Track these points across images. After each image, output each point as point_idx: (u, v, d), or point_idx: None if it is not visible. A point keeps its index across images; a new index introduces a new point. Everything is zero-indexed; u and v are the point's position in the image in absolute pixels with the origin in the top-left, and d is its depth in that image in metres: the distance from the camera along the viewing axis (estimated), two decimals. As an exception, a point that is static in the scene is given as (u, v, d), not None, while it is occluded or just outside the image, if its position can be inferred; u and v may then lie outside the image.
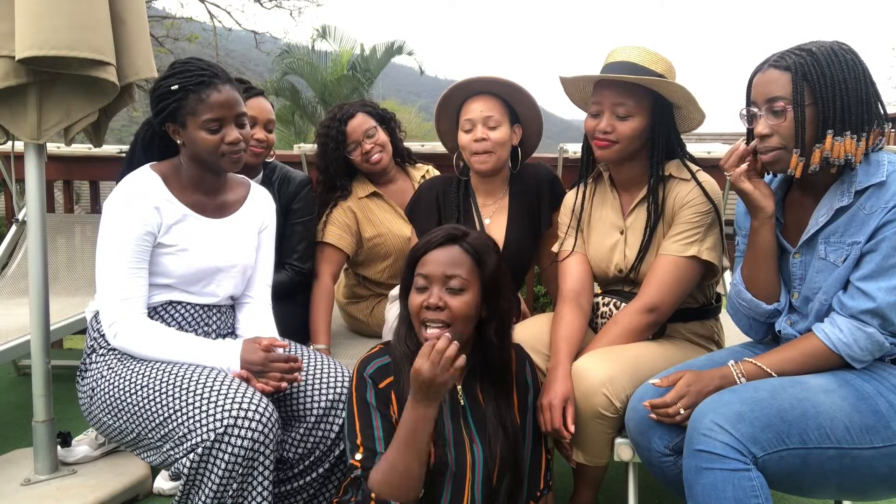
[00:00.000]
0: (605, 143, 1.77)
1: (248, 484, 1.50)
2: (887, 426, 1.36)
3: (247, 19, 65.03)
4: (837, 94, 1.40)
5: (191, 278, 1.72)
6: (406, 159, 2.58)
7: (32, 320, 2.05)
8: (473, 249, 1.46)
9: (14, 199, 3.15)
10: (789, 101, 1.42)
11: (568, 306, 1.84)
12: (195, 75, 1.65)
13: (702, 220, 1.77)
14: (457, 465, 1.43)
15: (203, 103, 1.63)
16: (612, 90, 1.75)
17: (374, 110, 2.43)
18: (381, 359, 1.51)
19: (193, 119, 1.64)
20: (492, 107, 2.01)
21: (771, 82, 1.45)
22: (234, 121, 1.68)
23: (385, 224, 2.41)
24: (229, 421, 1.46)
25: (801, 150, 1.43)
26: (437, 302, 1.42)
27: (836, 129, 1.41)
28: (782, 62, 1.44)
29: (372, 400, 1.46)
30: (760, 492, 1.31)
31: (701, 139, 9.95)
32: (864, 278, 1.43)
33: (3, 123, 1.95)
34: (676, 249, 1.76)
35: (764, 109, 1.47)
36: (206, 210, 1.76)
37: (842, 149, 1.41)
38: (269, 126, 2.25)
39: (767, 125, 1.46)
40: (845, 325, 1.44)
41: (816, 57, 1.42)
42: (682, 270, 1.76)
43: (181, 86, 1.64)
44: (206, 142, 1.65)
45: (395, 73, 18.26)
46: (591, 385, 1.60)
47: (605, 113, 1.76)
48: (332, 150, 2.36)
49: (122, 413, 1.60)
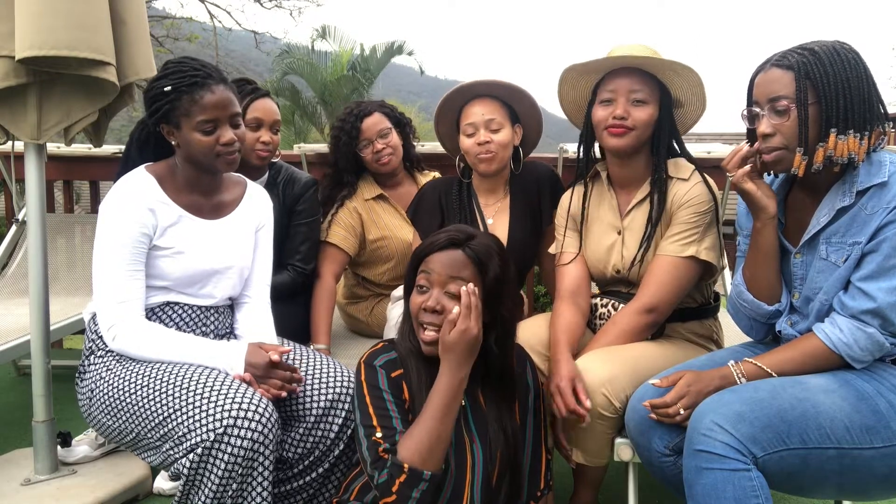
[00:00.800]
0: (621, 129, 1.75)
1: (248, 484, 1.50)
2: (887, 426, 1.36)
3: (247, 19, 65.04)
4: (840, 92, 1.40)
5: (187, 280, 1.72)
6: (416, 165, 2.58)
7: (32, 320, 2.05)
8: (476, 255, 1.45)
9: (14, 199, 3.15)
10: (792, 100, 1.42)
11: (565, 304, 1.85)
12: (188, 76, 1.63)
13: (700, 219, 1.77)
14: (456, 465, 1.43)
15: (196, 105, 1.62)
16: (627, 77, 1.75)
17: (392, 112, 2.45)
18: (387, 354, 1.51)
19: (187, 120, 1.63)
20: (493, 109, 2.02)
21: (773, 81, 1.45)
22: (229, 121, 1.67)
23: (389, 227, 2.42)
24: (229, 421, 1.46)
25: (804, 150, 1.43)
26: (434, 305, 1.42)
27: (840, 128, 1.40)
28: (785, 61, 1.44)
29: (385, 386, 1.45)
30: (760, 492, 1.31)
31: (701, 139, 9.95)
32: (865, 278, 1.43)
33: (3, 123, 1.95)
34: (675, 249, 1.76)
35: (766, 109, 1.46)
36: (201, 211, 1.75)
37: (845, 147, 1.41)
38: (276, 127, 2.20)
39: (770, 124, 1.46)
40: (846, 325, 1.44)
41: (819, 56, 1.42)
42: (681, 270, 1.76)
43: (174, 87, 1.62)
44: (200, 143, 1.64)
45: (395, 73, 18.27)
46: (591, 385, 1.60)
47: (619, 99, 1.75)
48: (343, 143, 2.36)
49: (121, 413, 1.60)
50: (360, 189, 2.43)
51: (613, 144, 1.79)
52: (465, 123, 2.04)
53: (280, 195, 2.22)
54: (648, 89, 1.75)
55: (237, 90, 1.74)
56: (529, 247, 2.18)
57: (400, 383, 1.47)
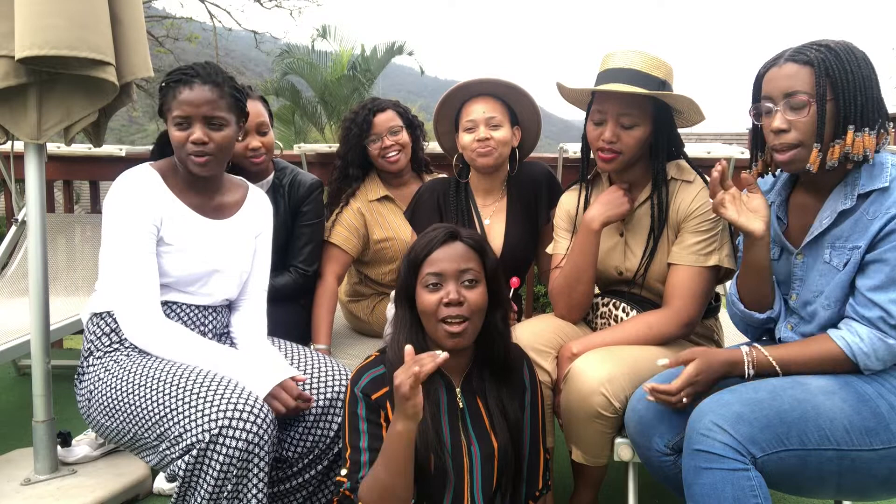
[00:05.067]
0: (610, 155, 1.75)
1: (244, 485, 1.50)
2: (887, 428, 1.36)
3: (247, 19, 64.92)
4: (858, 89, 1.40)
5: (189, 278, 1.72)
6: (424, 167, 2.59)
7: (32, 320, 2.05)
8: (475, 243, 1.49)
9: (14, 199, 3.15)
10: (811, 96, 1.40)
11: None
12: (177, 73, 1.70)
13: (714, 226, 1.76)
14: (454, 471, 1.44)
15: (175, 100, 1.67)
16: (616, 100, 1.72)
17: (405, 113, 2.47)
18: (375, 370, 1.50)
19: (170, 115, 1.69)
20: (494, 108, 2.03)
21: (790, 76, 1.43)
22: (203, 120, 1.68)
23: (394, 228, 2.42)
24: (224, 421, 1.46)
25: (820, 146, 1.41)
26: (457, 297, 1.43)
27: (857, 125, 1.40)
28: (801, 57, 1.43)
29: (362, 413, 1.46)
30: (759, 492, 1.31)
31: (701, 139, 9.94)
32: (875, 289, 1.41)
33: (3, 123, 1.95)
34: (697, 260, 1.76)
35: (782, 104, 1.44)
36: (204, 210, 1.76)
37: (861, 144, 1.40)
38: (262, 129, 2.14)
39: (785, 120, 1.44)
40: (866, 334, 1.42)
41: (837, 53, 1.41)
42: (707, 280, 1.77)
43: (165, 83, 1.70)
44: (174, 138, 1.69)
45: (396, 73, 18.20)
46: (591, 385, 1.60)
47: (608, 122, 1.74)
48: (353, 135, 2.37)
49: (118, 414, 1.60)
50: (365, 189, 2.43)
51: (603, 167, 1.81)
52: (465, 120, 2.04)
53: (285, 196, 2.22)
54: (639, 110, 1.72)
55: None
56: (526, 247, 2.18)
57: (380, 406, 1.46)
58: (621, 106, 1.72)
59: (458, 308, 1.43)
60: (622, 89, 1.68)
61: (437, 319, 1.45)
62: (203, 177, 1.74)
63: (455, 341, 1.45)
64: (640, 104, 1.72)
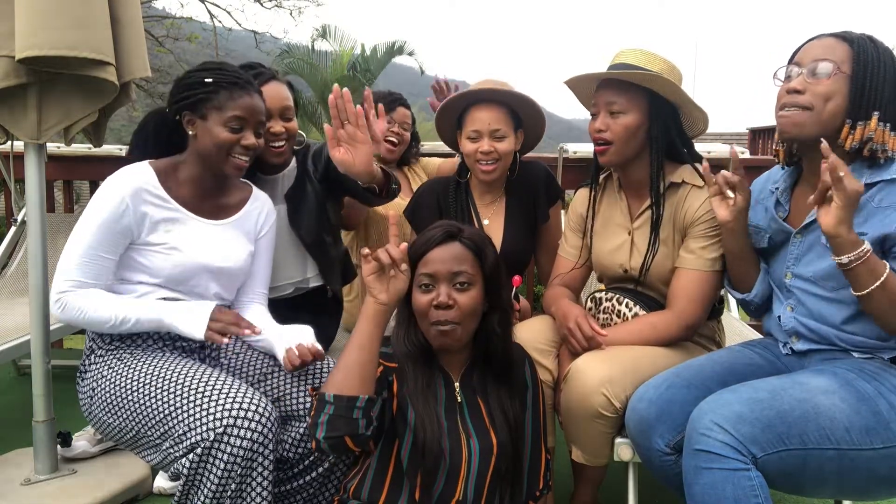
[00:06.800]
0: (603, 146, 1.79)
1: (248, 485, 1.50)
2: (887, 427, 1.36)
3: (247, 19, 64.86)
4: (888, 82, 1.43)
5: (178, 277, 1.71)
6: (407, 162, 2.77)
7: (32, 320, 2.05)
8: (473, 244, 1.48)
9: (14, 199, 3.15)
10: (838, 67, 1.44)
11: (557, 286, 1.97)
12: (232, 76, 1.69)
13: (720, 232, 1.76)
14: (451, 456, 1.44)
15: (234, 101, 1.66)
16: (606, 89, 1.78)
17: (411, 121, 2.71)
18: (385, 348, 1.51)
19: (218, 114, 1.66)
20: (498, 118, 2.02)
21: (826, 47, 1.47)
22: (255, 127, 1.71)
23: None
24: (228, 421, 1.46)
25: (852, 122, 1.44)
26: (446, 300, 1.43)
27: (882, 115, 1.43)
28: (844, 34, 1.47)
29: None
30: (760, 491, 1.31)
31: (701, 139, 9.93)
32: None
33: (3, 123, 1.95)
34: (703, 265, 1.77)
35: (807, 69, 1.47)
36: (200, 210, 1.75)
37: (883, 135, 1.43)
38: (287, 114, 1.96)
39: (804, 82, 1.47)
40: None
41: (876, 44, 1.46)
42: (711, 284, 1.78)
43: (216, 80, 1.67)
44: (221, 137, 1.66)
45: (396, 73, 18.16)
46: (591, 385, 1.60)
47: (599, 113, 1.79)
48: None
49: (121, 411, 1.60)
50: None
51: (601, 161, 1.83)
52: (469, 128, 2.04)
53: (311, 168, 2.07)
54: (626, 98, 1.74)
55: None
56: (525, 246, 2.19)
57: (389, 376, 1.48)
58: (609, 94, 1.77)
59: (447, 312, 1.43)
60: (630, 60, 1.75)
61: (428, 322, 1.45)
62: (214, 176, 1.74)
63: (444, 343, 1.46)
64: (629, 94, 1.75)
